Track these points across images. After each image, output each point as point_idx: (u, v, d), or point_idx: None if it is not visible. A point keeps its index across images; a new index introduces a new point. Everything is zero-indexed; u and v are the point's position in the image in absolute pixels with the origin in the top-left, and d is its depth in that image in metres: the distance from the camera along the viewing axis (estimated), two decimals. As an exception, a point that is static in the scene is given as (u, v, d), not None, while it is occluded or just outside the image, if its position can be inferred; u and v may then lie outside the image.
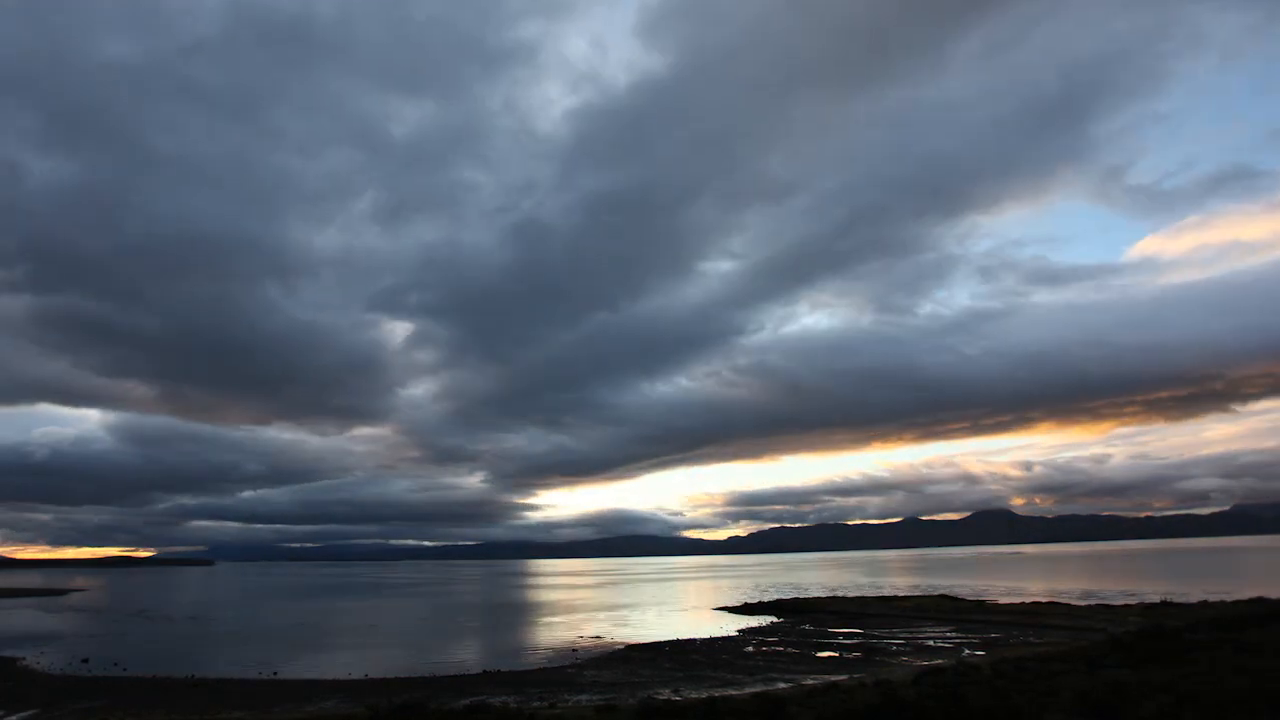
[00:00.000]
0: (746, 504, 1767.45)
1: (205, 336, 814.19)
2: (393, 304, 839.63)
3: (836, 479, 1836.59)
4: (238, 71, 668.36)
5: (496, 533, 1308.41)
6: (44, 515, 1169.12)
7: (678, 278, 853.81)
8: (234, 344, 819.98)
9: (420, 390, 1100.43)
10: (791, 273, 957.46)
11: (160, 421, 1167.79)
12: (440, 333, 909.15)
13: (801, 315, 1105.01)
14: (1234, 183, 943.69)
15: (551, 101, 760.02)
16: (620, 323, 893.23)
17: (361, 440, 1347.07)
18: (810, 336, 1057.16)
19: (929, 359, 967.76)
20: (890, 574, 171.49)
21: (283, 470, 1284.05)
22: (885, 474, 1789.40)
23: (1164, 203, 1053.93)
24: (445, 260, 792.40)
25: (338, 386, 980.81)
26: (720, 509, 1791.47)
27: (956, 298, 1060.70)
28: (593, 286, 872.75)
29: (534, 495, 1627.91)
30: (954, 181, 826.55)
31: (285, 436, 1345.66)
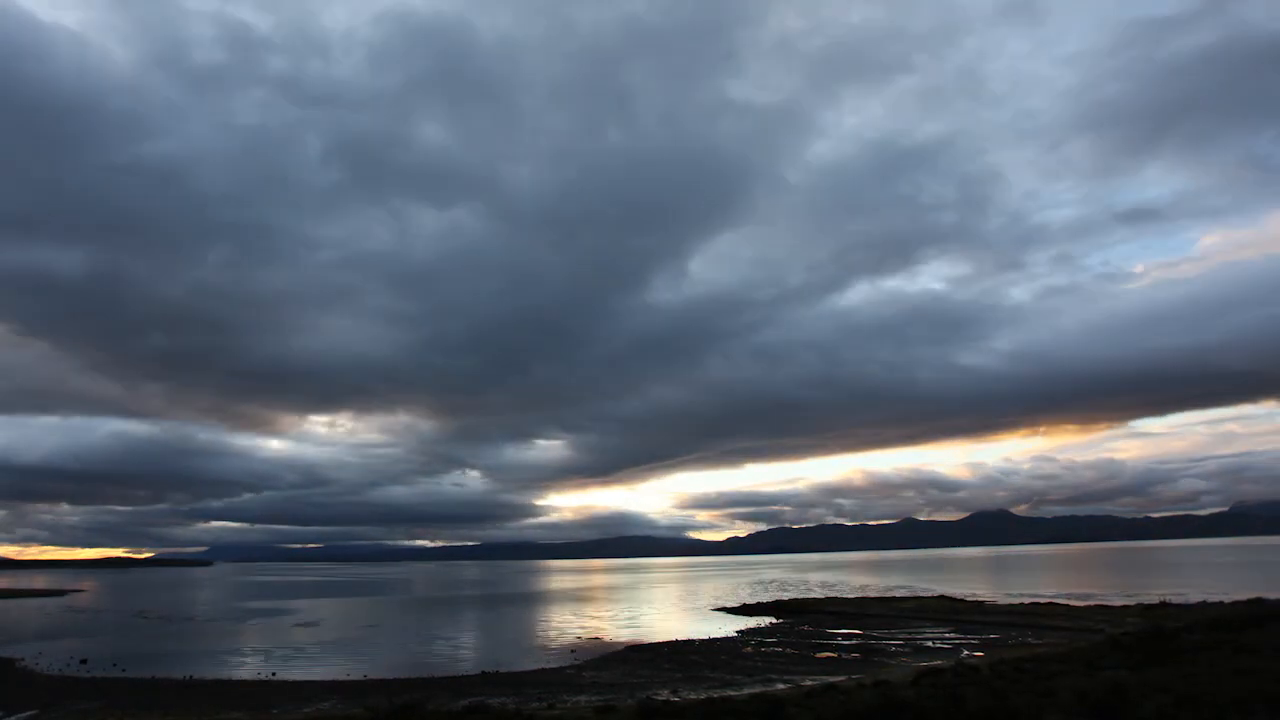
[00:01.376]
0: (746, 505, 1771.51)
1: (258, 361, 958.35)
2: (423, 341, 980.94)
3: (836, 480, 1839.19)
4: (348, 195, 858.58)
5: (497, 534, 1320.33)
6: (45, 516, 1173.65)
7: (644, 308, 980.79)
8: (282, 369, 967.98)
9: (427, 404, 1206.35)
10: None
11: (164, 425, 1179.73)
12: (458, 363, 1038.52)
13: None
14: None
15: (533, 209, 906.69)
16: (605, 343, 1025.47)
17: (367, 447, 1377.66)
18: (801, 344, 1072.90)
19: (927, 363, 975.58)
20: (889, 575, 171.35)
21: (286, 474, 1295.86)
22: (884, 475, 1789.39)
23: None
24: (464, 308, 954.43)
25: (363, 403, 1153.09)
26: (720, 510, 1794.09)
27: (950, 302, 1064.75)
28: (579, 319, 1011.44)
29: (535, 497, 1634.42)
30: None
31: (292, 443, 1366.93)
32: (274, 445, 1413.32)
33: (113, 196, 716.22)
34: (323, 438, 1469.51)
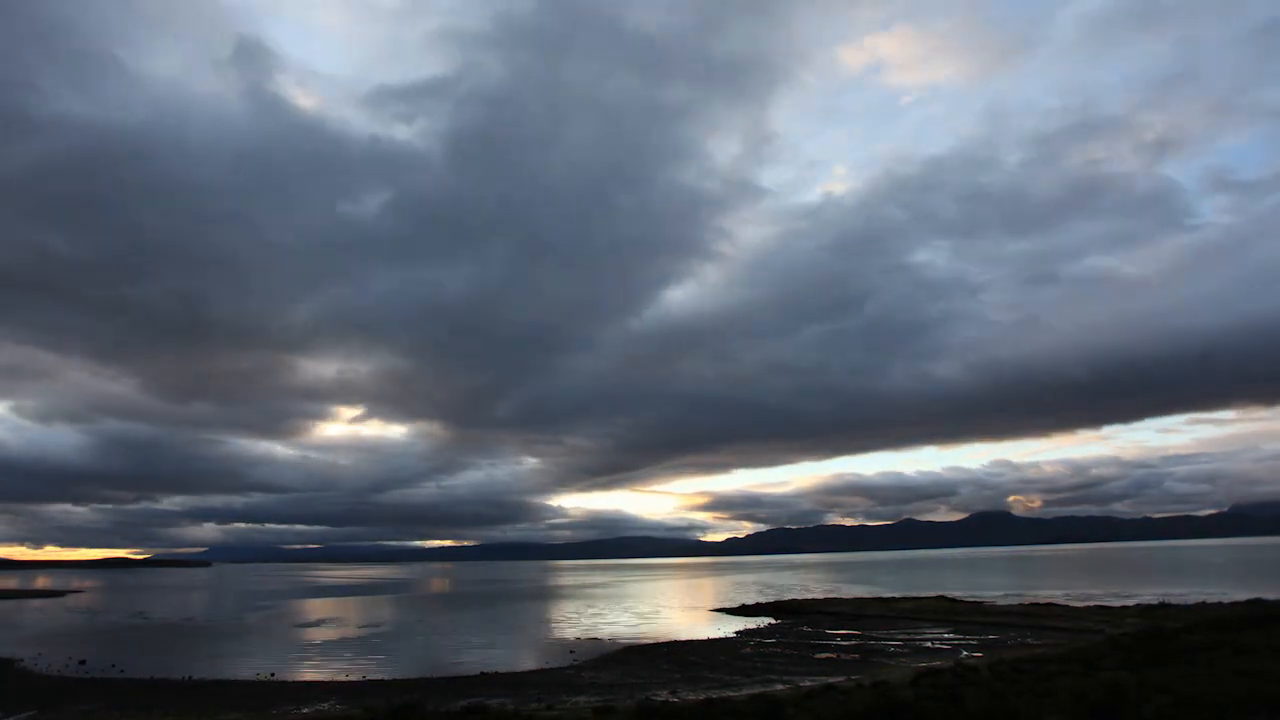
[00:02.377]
0: (745, 506, 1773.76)
1: (291, 377, 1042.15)
2: (438, 354, 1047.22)
3: (834, 482, 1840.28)
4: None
5: (497, 535, 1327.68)
6: (44, 517, 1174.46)
7: (640, 329, 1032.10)
8: (309, 383, 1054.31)
9: (436, 411, 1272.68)
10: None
11: (163, 426, 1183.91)
12: (468, 373, 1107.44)
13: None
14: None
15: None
16: (606, 357, 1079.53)
17: (372, 450, 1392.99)
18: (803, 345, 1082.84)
19: (927, 365, 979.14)
20: (888, 575, 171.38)
21: (289, 476, 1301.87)
22: (883, 477, 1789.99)
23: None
24: (478, 325, 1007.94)
25: (373, 409, 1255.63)
26: (720, 512, 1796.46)
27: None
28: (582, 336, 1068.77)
29: (536, 499, 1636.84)
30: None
31: (297, 447, 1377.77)
32: (278, 449, 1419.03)
33: (199, 241, 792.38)
34: (328, 441, 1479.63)
